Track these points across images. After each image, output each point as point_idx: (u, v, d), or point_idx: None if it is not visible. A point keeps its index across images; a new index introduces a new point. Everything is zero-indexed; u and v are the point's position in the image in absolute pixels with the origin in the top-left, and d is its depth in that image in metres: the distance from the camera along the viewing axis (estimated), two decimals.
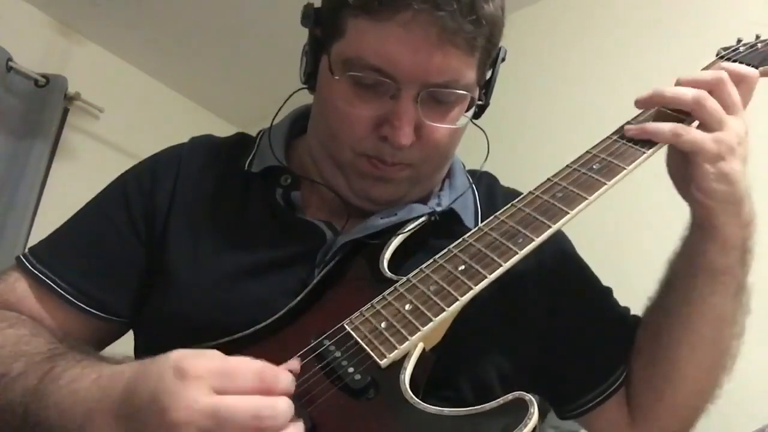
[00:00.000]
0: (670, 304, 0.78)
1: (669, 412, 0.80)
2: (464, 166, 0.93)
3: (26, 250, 0.83)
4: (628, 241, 1.72)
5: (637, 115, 0.77)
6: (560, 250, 0.87)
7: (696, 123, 0.73)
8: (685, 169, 0.73)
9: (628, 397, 0.82)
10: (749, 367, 0.80)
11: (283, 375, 0.54)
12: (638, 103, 0.76)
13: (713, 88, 0.72)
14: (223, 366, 0.52)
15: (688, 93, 0.71)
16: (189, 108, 3.19)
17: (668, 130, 0.71)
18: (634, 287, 0.88)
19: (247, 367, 0.53)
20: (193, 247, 0.80)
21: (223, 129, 1.10)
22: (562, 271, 0.85)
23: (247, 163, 0.86)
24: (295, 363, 0.59)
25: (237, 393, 0.51)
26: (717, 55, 0.85)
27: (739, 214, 0.72)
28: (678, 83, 0.74)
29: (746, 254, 0.74)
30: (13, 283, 0.80)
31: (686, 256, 0.76)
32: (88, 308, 0.79)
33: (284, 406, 0.52)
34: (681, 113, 0.73)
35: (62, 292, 0.79)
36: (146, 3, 2.57)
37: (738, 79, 0.74)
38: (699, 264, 0.74)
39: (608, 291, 0.89)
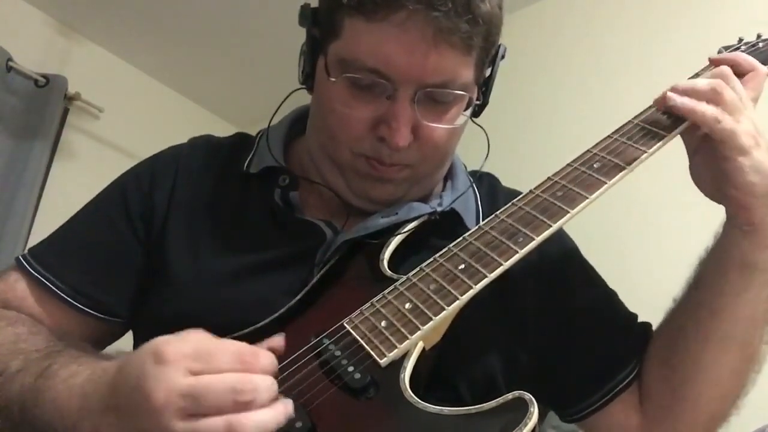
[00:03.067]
0: (699, 300, 0.75)
1: (688, 416, 0.76)
2: (465, 167, 0.93)
3: (26, 251, 0.84)
4: (629, 240, 1.71)
5: (641, 112, 0.76)
6: (563, 250, 0.86)
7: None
8: (713, 169, 0.71)
9: (645, 399, 0.80)
10: None
11: (263, 354, 0.55)
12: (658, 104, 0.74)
13: (715, 87, 0.70)
14: (199, 347, 0.53)
15: (704, 111, 0.68)
16: (189, 108, 3.20)
17: (710, 115, 0.67)
18: (635, 285, 0.88)
19: (224, 347, 0.53)
20: (192, 247, 0.80)
21: (223, 129, 1.10)
22: (564, 272, 0.84)
23: (246, 163, 0.86)
24: (277, 339, 0.58)
25: (215, 373, 0.51)
26: (718, 53, 0.85)
27: None
28: (675, 90, 0.72)
29: None
30: (13, 283, 0.81)
31: (720, 253, 0.74)
32: (86, 309, 0.80)
33: (264, 382, 0.52)
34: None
35: (60, 292, 0.79)
36: (146, 3, 2.57)
37: (749, 68, 0.73)
38: (734, 260, 0.72)
39: (612, 293, 0.87)
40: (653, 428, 0.79)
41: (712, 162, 0.71)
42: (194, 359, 0.52)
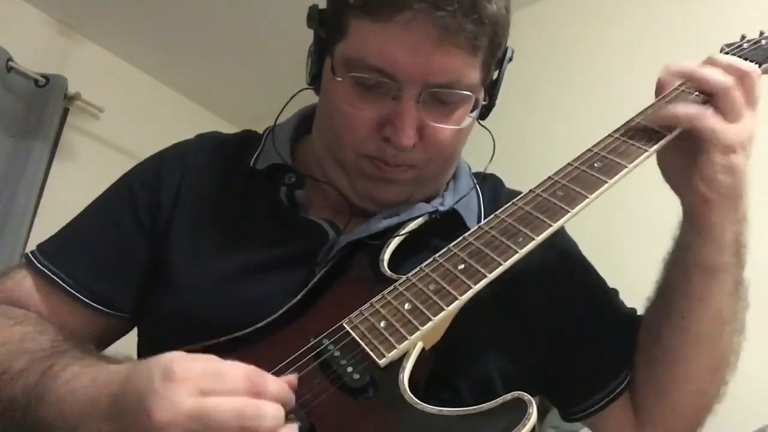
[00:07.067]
0: (668, 304, 0.77)
1: (673, 412, 0.79)
2: (470, 168, 0.93)
3: (34, 248, 0.84)
4: (630, 239, 1.71)
5: (642, 111, 0.76)
6: (565, 251, 0.86)
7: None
8: (686, 159, 0.72)
9: (632, 397, 0.82)
10: (749, 367, 0.80)
11: (274, 381, 0.54)
12: (665, 71, 0.76)
13: (743, 77, 0.71)
14: (210, 368, 0.52)
15: (719, 77, 0.70)
16: (189, 108, 3.20)
17: (693, 114, 0.70)
18: (633, 286, 0.88)
19: (235, 370, 0.53)
20: (196, 244, 0.80)
21: (223, 129, 1.10)
22: (566, 272, 0.84)
23: (253, 160, 0.86)
24: (292, 378, 0.58)
25: (224, 395, 0.51)
26: (720, 51, 0.85)
27: (736, 209, 0.72)
28: (712, 61, 0.74)
29: (741, 249, 0.74)
30: (20, 279, 0.81)
31: (681, 256, 0.76)
32: (92, 303, 0.80)
33: (271, 409, 0.51)
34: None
35: (67, 287, 0.79)
36: (147, 3, 2.57)
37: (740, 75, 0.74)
38: (694, 263, 0.73)
39: (614, 292, 0.88)
40: (644, 424, 0.81)
41: (687, 150, 0.72)
42: (204, 379, 0.51)
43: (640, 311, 0.87)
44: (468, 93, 0.74)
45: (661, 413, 0.79)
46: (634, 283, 0.89)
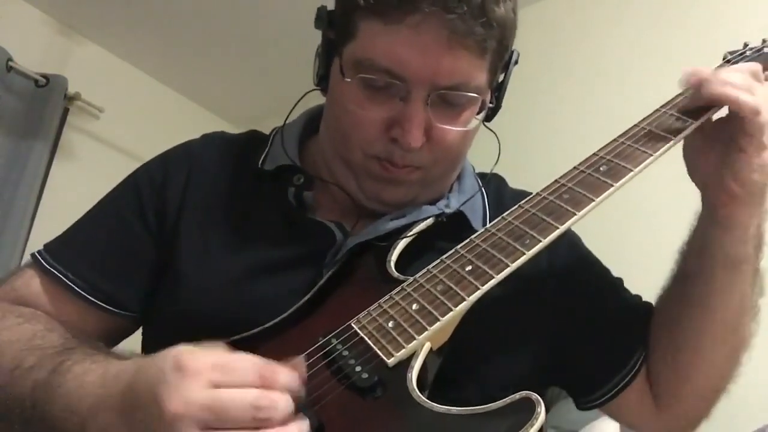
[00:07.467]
0: (689, 295, 0.77)
1: (694, 395, 0.80)
2: (474, 169, 0.93)
3: (41, 247, 0.84)
4: (633, 241, 1.72)
5: (647, 116, 0.76)
6: (569, 247, 0.87)
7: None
8: (716, 155, 0.72)
9: (652, 383, 0.82)
10: (750, 367, 0.81)
11: (284, 372, 0.54)
12: (687, 82, 0.73)
13: (757, 75, 0.72)
14: (221, 360, 0.53)
15: (749, 100, 0.67)
16: (189, 108, 3.20)
17: (752, 105, 0.67)
18: (634, 281, 0.88)
19: (246, 362, 0.54)
20: (203, 244, 0.80)
21: (224, 129, 1.10)
22: (572, 267, 0.85)
23: (261, 160, 0.86)
24: (300, 362, 0.58)
25: (235, 387, 0.51)
26: (724, 58, 0.85)
27: (761, 203, 0.72)
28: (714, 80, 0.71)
29: (761, 240, 0.75)
30: (28, 279, 0.81)
31: (701, 248, 0.76)
32: (99, 302, 0.80)
33: (283, 400, 0.52)
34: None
35: (74, 286, 0.79)
36: (147, 3, 2.58)
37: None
38: (718, 256, 0.74)
39: (619, 281, 0.89)
40: (664, 410, 0.82)
41: (718, 148, 0.72)
42: (215, 371, 0.52)
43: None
44: (475, 95, 0.75)
45: (683, 397, 0.81)
46: (634, 278, 0.90)
